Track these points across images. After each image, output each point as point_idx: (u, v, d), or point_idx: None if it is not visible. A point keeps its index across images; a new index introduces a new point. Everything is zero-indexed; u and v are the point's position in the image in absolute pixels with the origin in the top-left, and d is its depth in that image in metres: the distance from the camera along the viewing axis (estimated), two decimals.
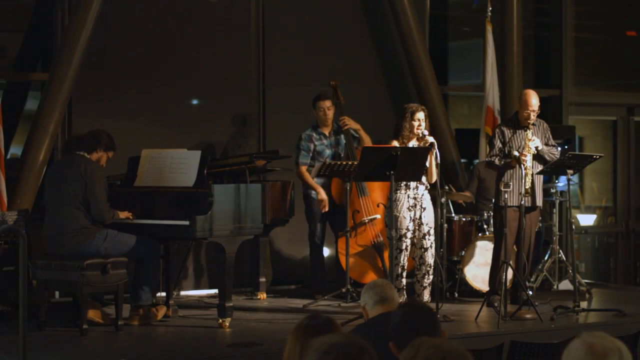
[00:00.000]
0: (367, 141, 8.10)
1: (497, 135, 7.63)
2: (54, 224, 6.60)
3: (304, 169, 8.00)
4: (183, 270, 8.16)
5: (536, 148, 7.42)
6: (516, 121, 7.64)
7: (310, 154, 8.06)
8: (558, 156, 7.59)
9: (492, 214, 8.11)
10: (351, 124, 8.10)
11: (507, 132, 7.59)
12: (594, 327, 6.75)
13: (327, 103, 8.08)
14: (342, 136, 8.15)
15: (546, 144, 7.58)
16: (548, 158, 7.56)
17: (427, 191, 7.36)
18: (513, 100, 8.95)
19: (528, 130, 7.43)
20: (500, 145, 7.58)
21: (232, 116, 8.80)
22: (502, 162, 7.52)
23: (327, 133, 8.13)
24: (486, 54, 9.34)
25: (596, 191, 11.58)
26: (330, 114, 8.08)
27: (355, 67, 9.29)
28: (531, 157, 7.40)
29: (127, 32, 8.38)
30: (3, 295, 6.99)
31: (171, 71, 8.52)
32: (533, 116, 7.48)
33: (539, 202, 7.63)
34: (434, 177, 7.21)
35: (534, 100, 7.49)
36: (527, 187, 7.30)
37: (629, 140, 10.97)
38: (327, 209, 7.97)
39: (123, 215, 6.69)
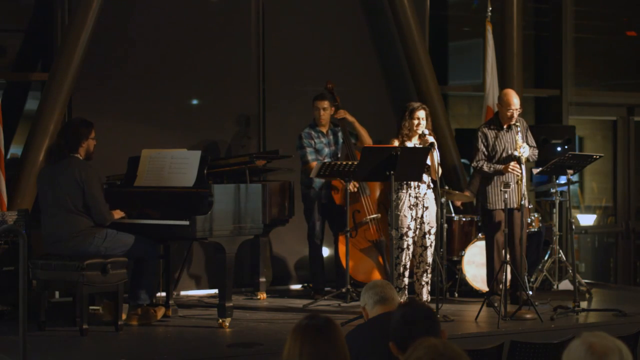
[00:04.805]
0: (364, 134, 8.13)
1: (480, 139, 7.54)
2: (51, 229, 6.57)
3: (314, 164, 7.80)
4: (183, 270, 8.17)
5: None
6: (498, 122, 7.59)
7: (314, 151, 8.05)
8: (537, 156, 7.64)
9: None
10: (346, 115, 8.10)
11: (490, 135, 7.54)
12: (594, 327, 6.75)
13: (324, 104, 8.08)
14: (340, 134, 8.15)
15: (527, 144, 7.53)
16: (530, 160, 7.56)
17: (430, 190, 7.35)
18: None
19: (517, 135, 7.35)
20: (484, 149, 7.54)
21: (233, 116, 8.80)
22: (491, 168, 7.47)
23: (324, 131, 8.14)
24: (486, 54, 9.34)
25: (596, 191, 11.59)
26: (326, 114, 8.08)
27: (355, 67, 9.29)
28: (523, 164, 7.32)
29: (127, 32, 8.39)
30: (3, 295, 6.99)
31: (171, 71, 8.52)
32: (516, 115, 7.45)
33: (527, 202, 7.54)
34: (437, 175, 7.18)
35: (515, 99, 7.45)
36: (523, 192, 7.24)
37: (629, 140, 10.97)
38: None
39: (117, 215, 6.68)
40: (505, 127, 7.52)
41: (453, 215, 8.58)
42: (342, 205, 7.84)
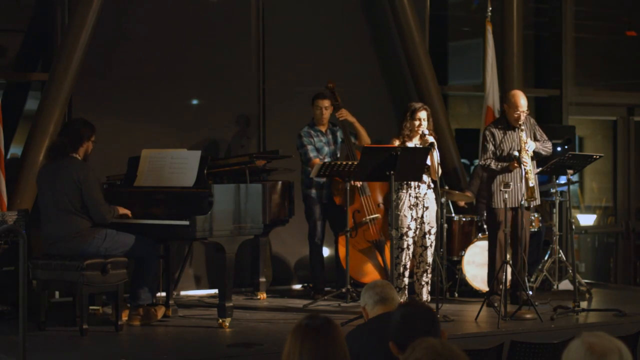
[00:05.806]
0: (364, 134, 8.13)
1: (488, 138, 7.53)
2: (51, 230, 6.56)
3: (317, 160, 7.86)
4: (183, 270, 8.16)
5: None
6: (505, 122, 7.57)
7: (314, 148, 8.05)
8: (551, 148, 7.58)
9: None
10: (348, 116, 8.10)
11: (498, 134, 7.52)
12: (594, 327, 6.75)
13: (325, 103, 8.08)
14: (339, 133, 8.16)
15: (536, 139, 7.53)
16: (544, 153, 7.55)
17: (430, 190, 7.35)
18: None
19: (521, 133, 7.34)
20: (493, 148, 7.53)
21: (233, 116, 8.80)
22: (499, 166, 7.47)
23: (323, 130, 8.15)
24: (486, 54, 9.34)
25: (596, 191, 11.58)
26: (326, 113, 8.09)
27: (355, 67, 9.29)
28: (529, 158, 7.33)
29: (127, 32, 8.38)
30: (3, 295, 6.99)
31: (171, 71, 8.52)
32: (523, 117, 7.42)
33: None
34: (437, 175, 7.18)
35: (522, 100, 7.42)
36: (530, 185, 7.22)
37: (629, 140, 10.97)
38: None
39: (122, 211, 6.67)
40: (513, 127, 7.49)
41: (453, 215, 8.59)
42: (342, 205, 7.85)
